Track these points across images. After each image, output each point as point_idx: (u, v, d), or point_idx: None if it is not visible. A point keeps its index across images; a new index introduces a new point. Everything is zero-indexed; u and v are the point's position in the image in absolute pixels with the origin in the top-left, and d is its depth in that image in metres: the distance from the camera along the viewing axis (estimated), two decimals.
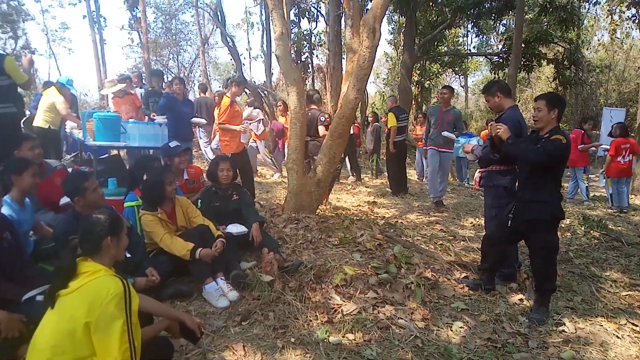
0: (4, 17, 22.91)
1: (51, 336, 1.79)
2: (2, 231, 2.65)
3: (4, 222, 2.73)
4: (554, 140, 3.08)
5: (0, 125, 4.34)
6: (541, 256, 3.24)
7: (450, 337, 2.86)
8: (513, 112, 3.68)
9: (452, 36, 21.66)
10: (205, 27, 26.02)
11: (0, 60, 4.28)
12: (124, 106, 6.87)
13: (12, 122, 4.53)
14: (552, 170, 3.17)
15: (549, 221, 3.22)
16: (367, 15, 4.66)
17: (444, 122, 6.52)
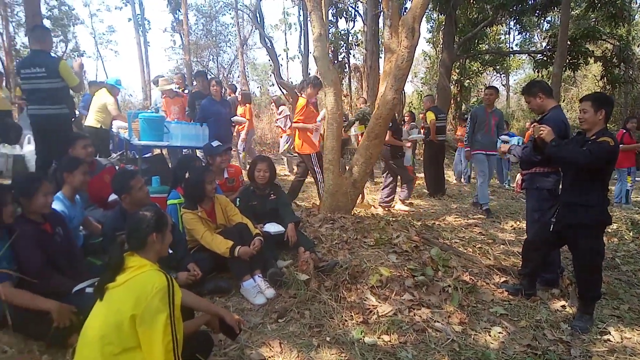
0: (56, 21, 24.10)
1: (100, 327, 1.88)
2: (54, 226, 2.81)
3: (56, 218, 2.89)
4: (601, 143, 2.96)
5: (54, 126, 4.59)
6: (585, 262, 3.13)
7: (488, 342, 2.81)
8: (556, 113, 3.57)
9: (493, 34, 21.11)
10: (244, 28, 26.50)
11: (56, 64, 4.52)
12: (173, 107, 7.06)
13: (65, 123, 4.78)
14: (598, 173, 3.05)
15: (594, 226, 3.11)
16: (406, 15, 4.63)
17: (490, 123, 6.34)
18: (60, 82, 4.53)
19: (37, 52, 4.60)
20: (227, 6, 26.78)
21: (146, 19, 24.26)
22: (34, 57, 4.58)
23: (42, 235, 2.66)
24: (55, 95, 4.56)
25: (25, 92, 4.72)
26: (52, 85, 4.51)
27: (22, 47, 22.00)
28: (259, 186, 4.16)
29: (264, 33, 15.60)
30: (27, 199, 2.63)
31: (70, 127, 4.95)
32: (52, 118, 4.57)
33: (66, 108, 4.67)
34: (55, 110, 4.57)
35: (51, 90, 4.51)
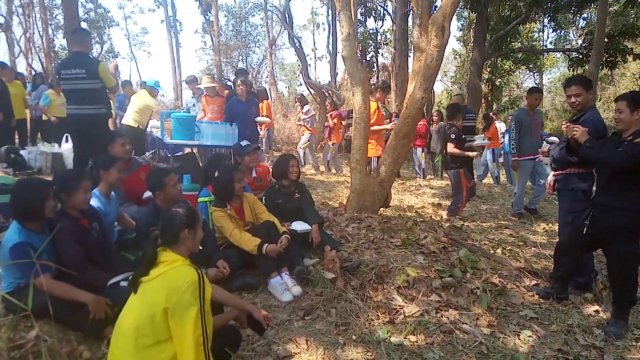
0: (92, 23, 24.96)
1: (134, 319, 1.95)
2: (91, 221, 2.92)
3: (93, 213, 3.01)
4: (637, 144, 2.87)
5: (92, 125, 4.77)
6: (620, 266, 3.04)
7: (517, 345, 2.76)
8: (594, 113, 3.46)
9: (526, 31, 20.60)
10: (273, 29, 26.74)
11: (95, 65, 4.70)
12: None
13: (102, 122, 4.96)
14: (634, 175, 2.95)
15: (630, 229, 3.01)
16: (436, 13, 4.58)
17: (535, 126, 6.18)
18: (98, 83, 4.70)
19: (77, 54, 4.79)
20: (256, 7, 27.10)
21: (178, 21, 24.87)
22: (74, 59, 4.76)
23: (80, 230, 2.78)
24: (94, 95, 4.73)
25: (64, 92, 4.91)
26: (92, 86, 4.68)
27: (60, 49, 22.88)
28: (285, 184, 4.20)
29: (293, 33, 15.72)
30: (68, 194, 2.75)
31: (106, 127, 5.13)
32: (90, 117, 4.74)
33: (104, 108, 4.84)
34: (93, 110, 4.74)
35: (90, 90, 4.69)
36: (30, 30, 21.02)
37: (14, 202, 2.61)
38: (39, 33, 21.08)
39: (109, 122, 5.76)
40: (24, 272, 2.44)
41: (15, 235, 2.48)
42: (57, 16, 22.05)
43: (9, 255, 2.45)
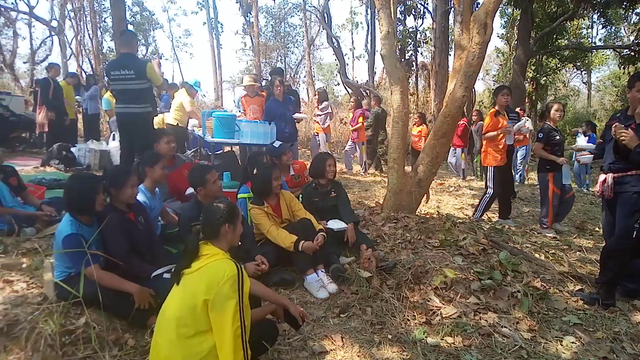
0: (138, 26, 25.89)
1: (176, 309, 2.02)
2: (137, 215, 3.05)
3: (139, 208, 3.14)
4: None
5: (140, 124, 4.97)
6: None
7: (559, 351, 2.67)
8: None
9: (574, 28, 19.79)
10: (311, 29, 26.88)
11: (143, 66, 4.89)
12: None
13: (149, 121, 5.16)
14: None
15: None
16: (478, 10, 4.49)
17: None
18: (146, 82, 4.90)
19: (125, 55, 4.99)
20: (295, 7, 27.34)
21: (219, 22, 25.45)
22: (122, 60, 4.97)
23: (127, 223, 2.90)
24: (142, 95, 4.93)
25: (114, 92, 5.11)
26: (140, 86, 4.88)
27: (107, 51, 23.88)
28: (322, 183, 4.22)
29: (331, 33, 15.76)
30: (117, 189, 2.89)
31: (152, 125, 5.32)
32: (137, 116, 4.94)
33: (150, 107, 5.04)
34: (140, 109, 4.94)
35: (139, 90, 4.89)
36: (81, 33, 22.08)
37: (67, 196, 2.77)
38: (88, 36, 22.13)
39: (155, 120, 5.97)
40: (75, 262, 2.57)
41: (68, 227, 2.63)
42: (105, 19, 23.03)
43: (62, 246, 2.59)
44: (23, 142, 9.29)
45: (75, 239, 2.57)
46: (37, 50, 23.09)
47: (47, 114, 7.69)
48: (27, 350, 2.21)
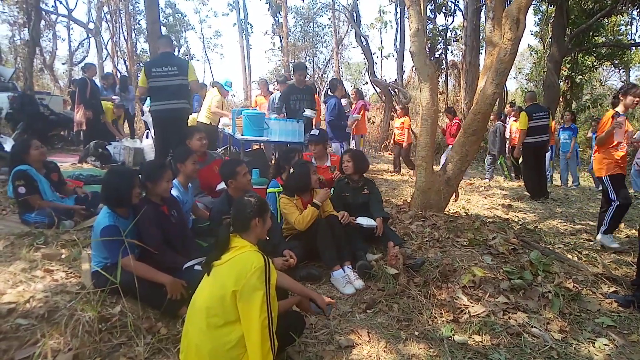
0: (170, 27, 26.47)
1: (206, 300, 2.08)
2: (171, 209, 3.14)
3: (173, 201, 3.24)
4: None
5: (178, 118, 5.17)
6: None
7: (592, 353, 2.61)
8: None
9: (611, 25, 19.06)
10: (340, 28, 26.85)
11: (185, 63, 5.16)
12: None
13: (185, 117, 5.35)
14: None
15: None
16: (510, 6, 4.41)
17: None
18: (186, 79, 5.11)
19: (167, 54, 5.23)
20: (324, 7, 27.36)
21: (249, 23, 25.64)
22: (164, 58, 5.19)
23: (161, 216, 3.00)
24: (182, 91, 5.15)
25: (152, 89, 5.24)
26: (182, 82, 5.10)
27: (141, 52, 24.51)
28: (354, 179, 4.23)
29: (360, 32, 15.68)
30: (153, 183, 2.99)
31: (187, 122, 5.49)
32: (178, 112, 5.16)
33: (187, 103, 5.26)
34: (181, 105, 5.17)
35: (180, 86, 5.11)
36: (117, 35, 22.75)
37: (105, 190, 2.90)
38: (123, 37, 22.76)
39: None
40: (112, 252, 2.68)
41: (106, 219, 2.75)
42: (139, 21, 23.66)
43: (100, 237, 2.70)
44: (61, 140, 9.66)
45: (113, 230, 2.68)
46: (75, 52, 23.96)
47: (85, 113, 7.98)
48: (66, 335, 2.31)
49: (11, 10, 18.66)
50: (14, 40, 20.00)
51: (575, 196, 7.89)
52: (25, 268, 3.00)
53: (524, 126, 7.26)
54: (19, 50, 19.15)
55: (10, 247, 3.42)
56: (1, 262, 3.08)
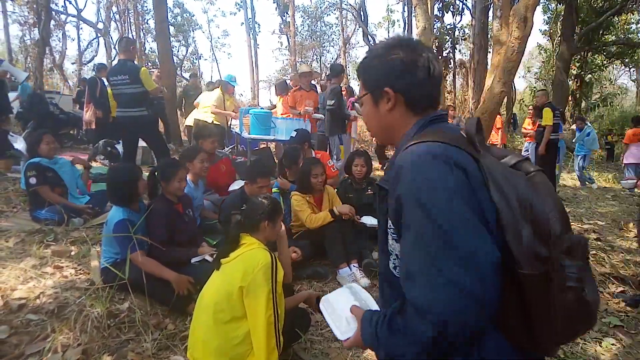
0: (178, 27, 26.59)
1: (214, 295, 2.10)
2: (185, 207, 3.17)
3: (188, 200, 3.28)
4: None
5: (142, 125, 5.14)
6: None
7: (598, 352, 2.60)
8: None
9: (622, 23, 18.88)
10: (347, 27, 26.83)
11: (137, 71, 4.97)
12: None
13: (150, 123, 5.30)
14: None
15: None
16: (518, 4, 4.39)
17: None
18: (140, 87, 4.98)
19: (122, 61, 5.14)
20: (332, 6, 27.35)
21: (257, 23, 25.68)
22: (120, 66, 5.12)
23: (173, 214, 3.02)
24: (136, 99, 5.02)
25: (114, 96, 5.28)
26: (134, 90, 4.98)
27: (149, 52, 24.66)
28: (357, 179, 4.24)
29: (367, 30, 15.70)
30: (165, 181, 3.03)
31: (153, 127, 5.48)
32: (136, 119, 5.06)
33: (145, 110, 5.12)
34: (137, 113, 5.06)
35: (132, 94, 4.99)
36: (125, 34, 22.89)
37: (111, 187, 2.94)
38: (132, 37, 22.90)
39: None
40: (123, 246, 2.72)
41: (120, 213, 2.80)
42: (147, 21, 23.80)
43: (113, 231, 2.74)
44: (71, 139, 9.75)
45: (127, 224, 2.72)
46: (84, 52, 24.17)
47: (95, 112, 8.04)
48: (76, 331, 2.34)
49: (22, 10, 18.86)
50: (24, 40, 20.24)
51: (583, 196, 7.84)
52: (36, 264, 3.05)
53: (551, 122, 7.20)
54: (29, 50, 19.36)
55: (21, 244, 3.47)
56: (12, 259, 3.13)
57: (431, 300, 0.82)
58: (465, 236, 0.83)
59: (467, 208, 0.86)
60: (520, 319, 0.87)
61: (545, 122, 7.28)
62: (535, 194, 0.89)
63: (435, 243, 0.84)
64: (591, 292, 0.89)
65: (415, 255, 0.87)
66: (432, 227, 0.85)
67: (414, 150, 0.96)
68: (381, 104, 1.11)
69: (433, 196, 0.86)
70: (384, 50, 1.10)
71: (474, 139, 0.98)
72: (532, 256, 0.83)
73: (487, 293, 0.81)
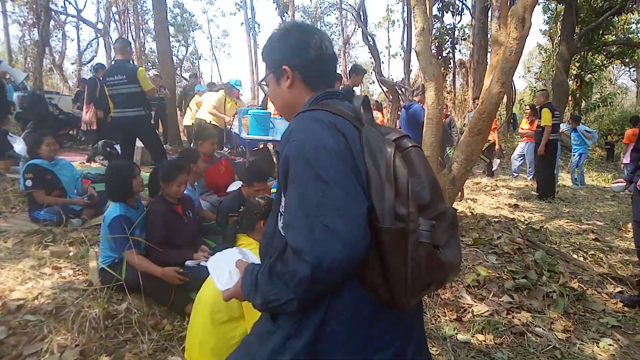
0: (178, 27, 26.60)
1: (211, 295, 2.10)
2: (185, 209, 3.17)
3: (188, 202, 3.28)
4: None
5: (139, 126, 5.15)
6: None
7: (595, 353, 2.60)
8: None
9: (622, 23, 18.88)
10: (347, 27, 26.84)
11: (134, 71, 4.99)
12: None
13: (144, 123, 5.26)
14: None
15: None
16: (516, 5, 4.38)
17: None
18: (137, 87, 4.99)
19: (119, 62, 5.14)
20: (332, 6, 27.35)
21: (257, 23, 25.65)
22: (116, 66, 5.13)
23: (172, 215, 3.00)
24: (134, 99, 5.02)
25: (110, 97, 5.27)
26: (130, 90, 4.99)
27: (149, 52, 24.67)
28: None
29: (367, 30, 15.65)
30: (165, 184, 3.03)
31: (149, 126, 5.48)
32: (133, 119, 5.08)
33: (142, 110, 5.13)
34: (134, 113, 5.07)
35: (130, 94, 4.99)
36: (125, 34, 22.90)
37: (107, 183, 2.99)
38: (132, 37, 22.90)
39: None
40: (119, 246, 2.73)
41: (117, 209, 2.82)
42: (147, 21, 23.80)
43: (109, 227, 2.76)
44: (70, 139, 9.75)
45: (124, 220, 2.73)
46: (84, 52, 24.16)
47: (96, 112, 8.04)
48: (73, 331, 2.35)
49: (21, 10, 18.87)
50: (24, 40, 20.24)
51: (582, 196, 7.85)
52: (34, 265, 3.05)
53: (550, 122, 7.22)
54: (29, 50, 19.36)
55: (19, 244, 3.48)
56: (10, 259, 3.14)
57: (308, 242, 0.93)
58: (341, 189, 0.96)
59: (344, 166, 0.99)
60: (379, 272, 0.98)
61: (544, 122, 7.28)
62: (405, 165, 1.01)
63: (315, 194, 0.96)
64: (450, 255, 1.04)
65: (297, 205, 0.98)
66: (314, 181, 0.97)
67: (302, 116, 1.10)
68: (282, 82, 1.24)
69: (316, 154, 0.99)
70: (282, 33, 1.25)
71: (360, 114, 1.11)
72: (392, 214, 0.95)
73: (357, 237, 0.93)
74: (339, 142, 1.01)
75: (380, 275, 0.98)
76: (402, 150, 1.06)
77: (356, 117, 1.11)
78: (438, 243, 1.02)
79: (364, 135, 1.05)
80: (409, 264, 0.96)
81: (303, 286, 0.95)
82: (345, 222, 0.93)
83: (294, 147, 1.03)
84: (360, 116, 1.11)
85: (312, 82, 1.23)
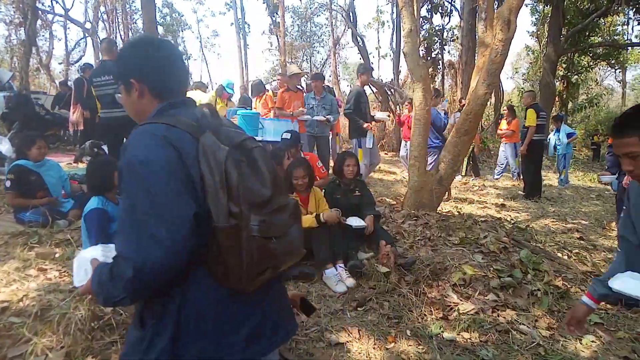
0: (167, 27, 26.47)
1: None
2: None
3: None
4: None
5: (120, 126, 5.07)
6: None
7: (578, 350, 2.65)
8: None
9: (607, 25, 19.17)
10: (337, 28, 26.87)
11: None
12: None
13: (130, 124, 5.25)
14: None
15: None
16: (501, 7, 4.45)
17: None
18: None
19: (105, 62, 5.14)
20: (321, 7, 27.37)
21: (247, 23, 25.63)
22: (103, 67, 5.13)
23: None
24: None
25: (97, 97, 5.27)
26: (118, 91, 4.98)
27: None
28: (345, 181, 4.26)
29: (356, 31, 15.74)
30: None
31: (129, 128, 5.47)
32: (120, 119, 5.04)
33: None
34: (121, 113, 4.94)
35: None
36: (113, 34, 22.71)
37: (89, 177, 3.04)
38: (120, 37, 22.72)
39: None
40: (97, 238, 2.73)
41: (94, 202, 2.87)
42: (136, 21, 23.63)
43: (86, 219, 2.77)
44: (57, 140, 9.66)
45: (99, 213, 2.75)
46: (71, 52, 23.89)
47: (82, 112, 7.98)
48: (59, 333, 2.33)
49: (7, 9, 18.63)
50: (10, 40, 19.97)
51: (568, 195, 7.96)
52: (19, 267, 3.02)
53: (534, 122, 7.32)
54: (16, 49, 19.09)
55: (4, 246, 3.45)
56: None
57: (134, 249, 1.03)
58: (166, 200, 1.05)
59: (172, 178, 1.08)
60: (221, 262, 1.10)
61: (529, 122, 7.38)
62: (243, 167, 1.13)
63: (142, 204, 1.05)
64: (286, 243, 1.18)
65: (126, 214, 1.08)
66: (142, 193, 1.06)
67: (140, 129, 1.18)
68: (132, 93, 1.33)
69: (145, 168, 1.08)
70: (130, 47, 1.35)
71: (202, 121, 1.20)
72: (226, 213, 1.08)
73: (178, 244, 1.03)
74: (168, 156, 1.10)
75: (222, 265, 1.10)
76: (245, 151, 1.18)
77: (197, 125, 1.18)
78: (274, 234, 1.14)
79: (202, 143, 1.13)
80: (244, 255, 1.08)
81: (130, 286, 1.04)
82: (168, 230, 1.03)
83: (127, 161, 1.12)
84: (201, 125, 1.18)
85: (159, 94, 1.31)
